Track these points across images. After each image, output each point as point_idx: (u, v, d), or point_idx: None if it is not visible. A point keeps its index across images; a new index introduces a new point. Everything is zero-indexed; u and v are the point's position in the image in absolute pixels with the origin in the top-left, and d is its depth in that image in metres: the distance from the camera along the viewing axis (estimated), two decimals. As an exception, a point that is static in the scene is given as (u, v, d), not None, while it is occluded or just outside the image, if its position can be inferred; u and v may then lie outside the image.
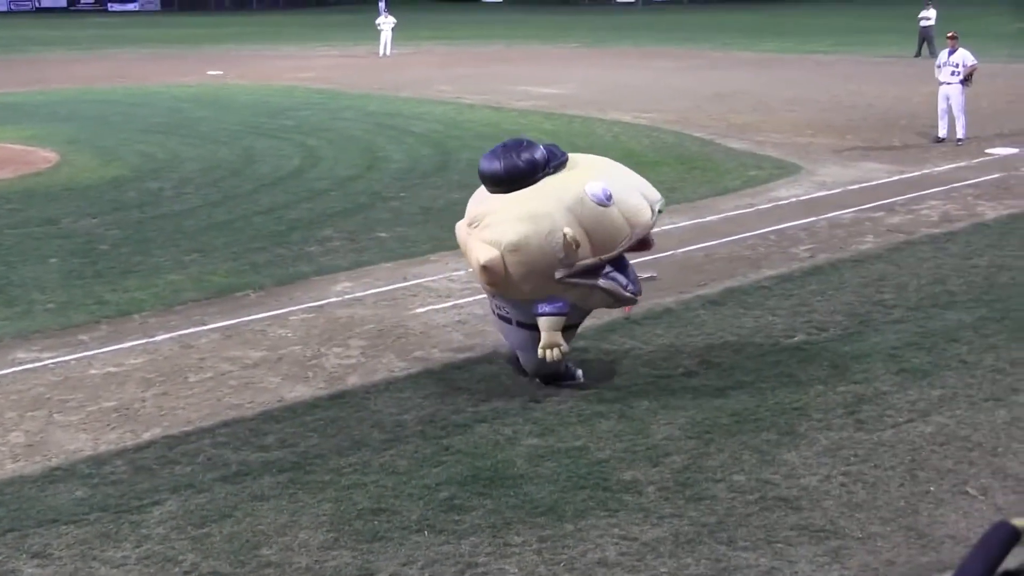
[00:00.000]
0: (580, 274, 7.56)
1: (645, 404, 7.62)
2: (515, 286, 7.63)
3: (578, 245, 7.43)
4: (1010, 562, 1.88)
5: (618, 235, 7.57)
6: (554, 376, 7.98)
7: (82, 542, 5.90)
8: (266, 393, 8.06)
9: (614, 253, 7.61)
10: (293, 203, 14.79)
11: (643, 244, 8.06)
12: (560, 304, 7.68)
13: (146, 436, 7.32)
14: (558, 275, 7.51)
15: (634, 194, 7.82)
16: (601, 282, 7.64)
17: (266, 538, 5.91)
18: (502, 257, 7.45)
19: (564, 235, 7.38)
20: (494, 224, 7.60)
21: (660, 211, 8.04)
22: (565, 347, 7.76)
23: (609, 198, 7.49)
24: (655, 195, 8.05)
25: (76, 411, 7.79)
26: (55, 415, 7.73)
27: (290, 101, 26.31)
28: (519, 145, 7.84)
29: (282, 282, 10.99)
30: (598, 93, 26.62)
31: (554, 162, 7.80)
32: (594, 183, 7.56)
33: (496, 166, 7.73)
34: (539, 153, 7.76)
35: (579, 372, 8.08)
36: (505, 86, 28.31)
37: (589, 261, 7.54)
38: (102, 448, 7.14)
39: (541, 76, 31.03)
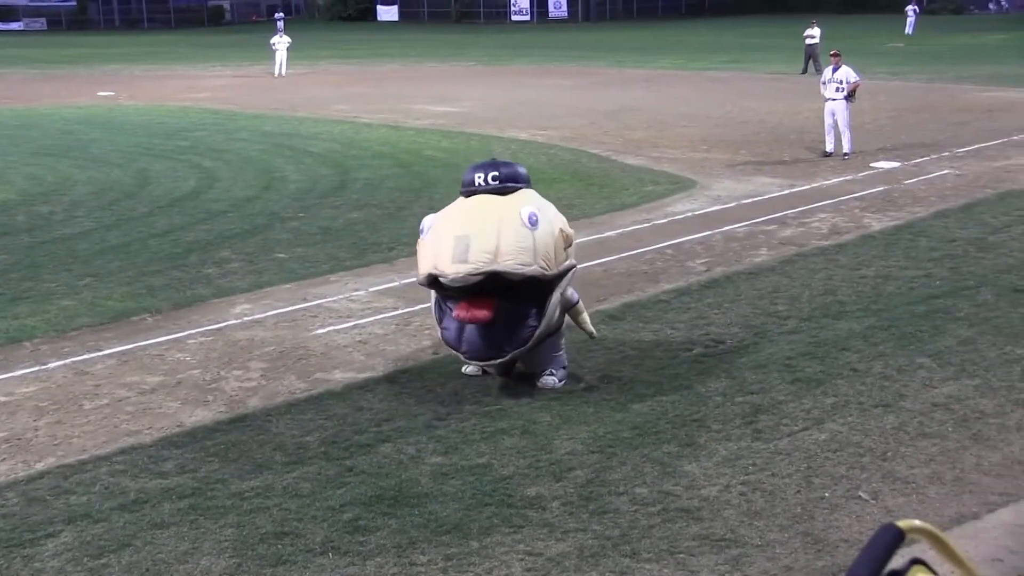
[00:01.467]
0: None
1: (547, 420, 7.69)
2: None
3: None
4: (896, 562, 1.97)
5: (418, 266, 8.28)
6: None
7: (-29, 580, 5.71)
8: (165, 418, 7.91)
9: (420, 276, 8.21)
10: (190, 225, 14.55)
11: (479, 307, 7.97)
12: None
13: (39, 466, 7.12)
14: None
15: (434, 252, 7.87)
16: (431, 300, 8.52)
17: (167, 566, 5.80)
18: None
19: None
20: None
21: (517, 272, 7.76)
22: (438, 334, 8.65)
23: (422, 231, 8.19)
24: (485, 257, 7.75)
25: (-36, 443, 7.52)
26: (-59, 448, 7.45)
27: (184, 122, 25.84)
28: (485, 164, 8.54)
29: (179, 305, 10.81)
30: (495, 111, 26.77)
31: (466, 188, 8.37)
32: (429, 217, 8.34)
33: None
34: (471, 177, 8.35)
35: (552, 378, 8.41)
36: (402, 105, 28.26)
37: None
38: (-8, 481, 6.93)
39: (438, 94, 31.06)
